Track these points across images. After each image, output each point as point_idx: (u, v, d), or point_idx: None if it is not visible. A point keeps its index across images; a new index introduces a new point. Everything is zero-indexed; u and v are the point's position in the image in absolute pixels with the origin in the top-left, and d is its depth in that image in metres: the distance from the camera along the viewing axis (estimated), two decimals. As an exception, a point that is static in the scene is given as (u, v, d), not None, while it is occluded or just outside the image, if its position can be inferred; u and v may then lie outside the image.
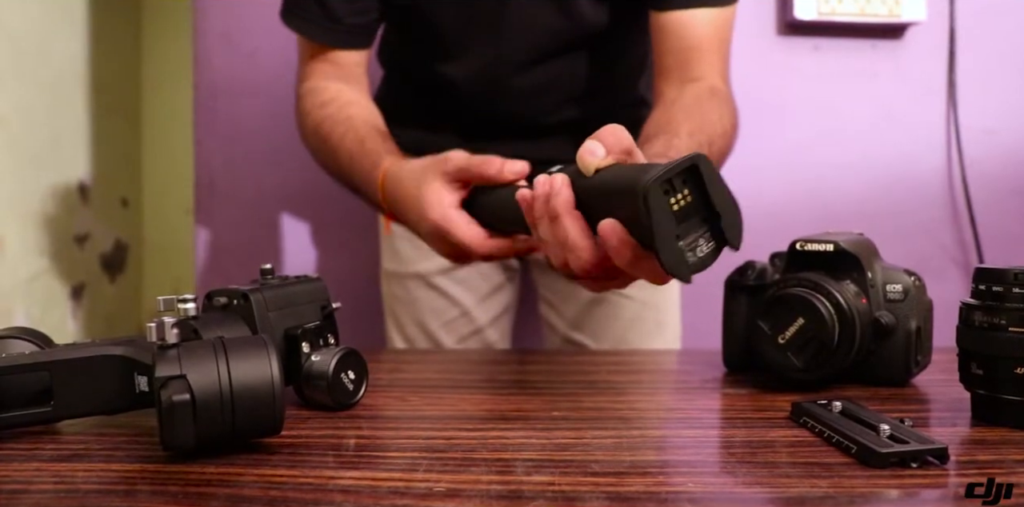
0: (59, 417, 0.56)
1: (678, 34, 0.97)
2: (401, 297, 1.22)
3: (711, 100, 0.94)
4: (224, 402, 0.49)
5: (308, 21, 1.02)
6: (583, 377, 0.76)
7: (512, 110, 1.09)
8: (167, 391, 0.48)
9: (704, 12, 0.97)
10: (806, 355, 0.68)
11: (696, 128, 0.87)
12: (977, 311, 0.60)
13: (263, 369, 0.50)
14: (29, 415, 0.56)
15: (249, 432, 0.51)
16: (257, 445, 0.54)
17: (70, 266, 1.92)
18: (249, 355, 0.50)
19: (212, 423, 0.49)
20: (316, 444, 0.54)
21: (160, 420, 0.49)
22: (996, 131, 1.63)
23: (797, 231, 0.80)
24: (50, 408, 0.56)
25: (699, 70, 0.96)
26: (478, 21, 1.03)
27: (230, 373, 0.50)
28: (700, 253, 0.55)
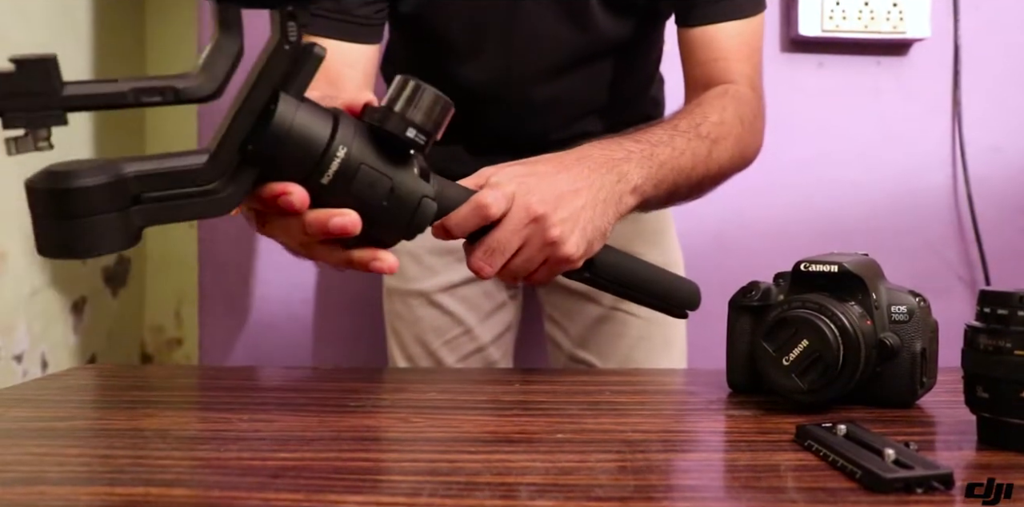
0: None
1: (707, 47, 0.98)
2: (403, 315, 1.22)
3: (717, 98, 0.94)
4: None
5: (313, 14, 0.99)
6: (586, 398, 0.75)
7: (522, 124, 1.09)
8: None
9: (731, 25, 0.97)
10: (811, 377, 0.68)
11: (681, 116, 0.89)
12: (982, 334, 0.60)
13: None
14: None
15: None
16: (260, 468, 0.53)
17: (72, 280, 1.92)
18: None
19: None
20: (319, 467, 0.54)
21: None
22: (1001, 148, 1.63)
23: (801, 249, 0.80)
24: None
25: (725, 79, 0.97)
26: (487, 33, 1.02)
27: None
28: None
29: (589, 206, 0.74)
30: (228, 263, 1.59)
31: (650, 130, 0.85)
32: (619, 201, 0.77)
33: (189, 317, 2.49)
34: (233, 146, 0.56)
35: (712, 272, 1.48)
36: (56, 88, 0.50)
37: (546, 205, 0.71)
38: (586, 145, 0.80)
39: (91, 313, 2.03)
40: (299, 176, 0.58)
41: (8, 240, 1.60)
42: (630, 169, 0.79)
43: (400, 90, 0.59)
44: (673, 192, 0.85)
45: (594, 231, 0.75)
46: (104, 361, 2.10)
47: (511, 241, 0.70)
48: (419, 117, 0.59)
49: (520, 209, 0.70)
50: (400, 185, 0.61)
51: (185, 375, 0.96)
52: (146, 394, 0.78)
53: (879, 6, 1.54)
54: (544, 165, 0.75)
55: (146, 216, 0.54)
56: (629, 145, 0.81)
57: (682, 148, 0.84)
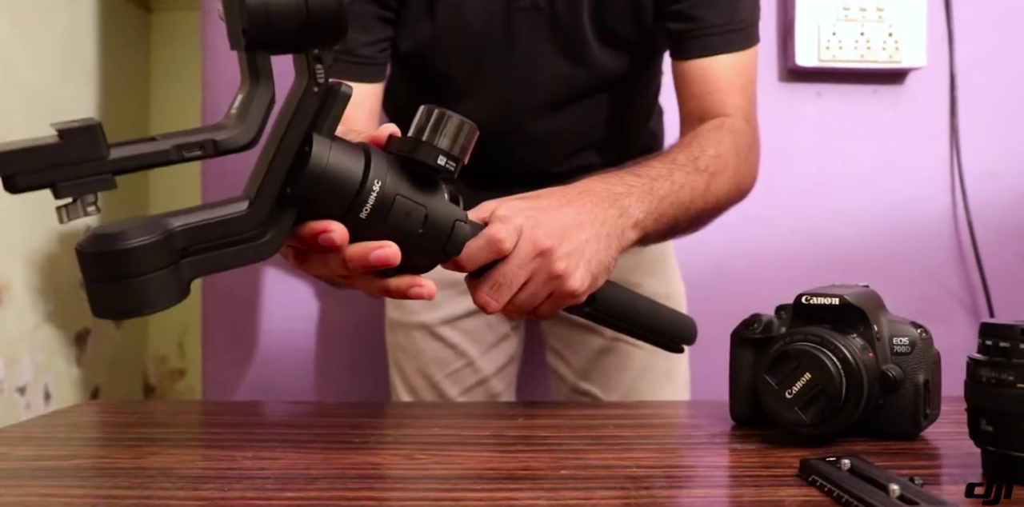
0: None
1: (701, 80, 0.98)
2: (405, 347, 1.22)
3: (713, 131, 0.94)
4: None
5: None
6: (590, 432, 0.75)
7: (521, 158, 1.10)
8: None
9: (725, 57, 0.98)
10: (814, 410, 0.68)
11: (679, 149, 0.89)
12: (984, 367, 0.60)
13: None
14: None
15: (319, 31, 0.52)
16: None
17: (75, 312, 1.92)
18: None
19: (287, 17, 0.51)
20: (325, 506, 0.54)
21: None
22: (1000, 174, 1.63)
23: (802, 278, 0.81)
24: None
25: (720, 112, 0.98)
26: (486, 70, 1.03)
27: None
28: None
29: (593, 240, 0.74)
30: (231, 294, 1.59)
31: (649, 164, 0.86)
32: (621, 235, 0.77)
33: (192, 348, 2.50)
34: (272, 191, 0.57)
35: (713, 301, 1.48)
36: (104, 154, 0.50)
37: (552, 238, 0.71)
38: (587, 179, 0.81)
39: (94, 344, 2.03)
40: (337, 213, 0.59)
41: (11, 272, 1.61)
42: (631, 204, 0.79)
43: (426, 119, 0.61)
44: (673, 226, 0.86)
45: (598, 265, 0.75)
46: (107, 392, 2.10)
47: (518, 275, 0.70)
48: (447, 144, 0.60)
49: (527, 243, 0.70)
50: (434, 212, 0.63)
51: (188, 411, 0.96)
52: (150, 431, 0.78)
53: (875, 36, 1.55)
54: (547, 199, 0.75)
55: (195, 268, 0.55)
56: (630, 179, 0.81)
57: (681, 182, 0.84)
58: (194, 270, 0.55)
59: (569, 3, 1.00)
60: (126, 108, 2.25)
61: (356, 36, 0.99)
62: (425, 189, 0.62)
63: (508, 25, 1.00)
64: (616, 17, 1.01)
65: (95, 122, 0.50)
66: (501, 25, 1.00)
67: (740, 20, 0.99)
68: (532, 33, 1.01)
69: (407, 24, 1.01)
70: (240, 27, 0.53)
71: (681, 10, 0.98)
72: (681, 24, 0.99)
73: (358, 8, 0.98)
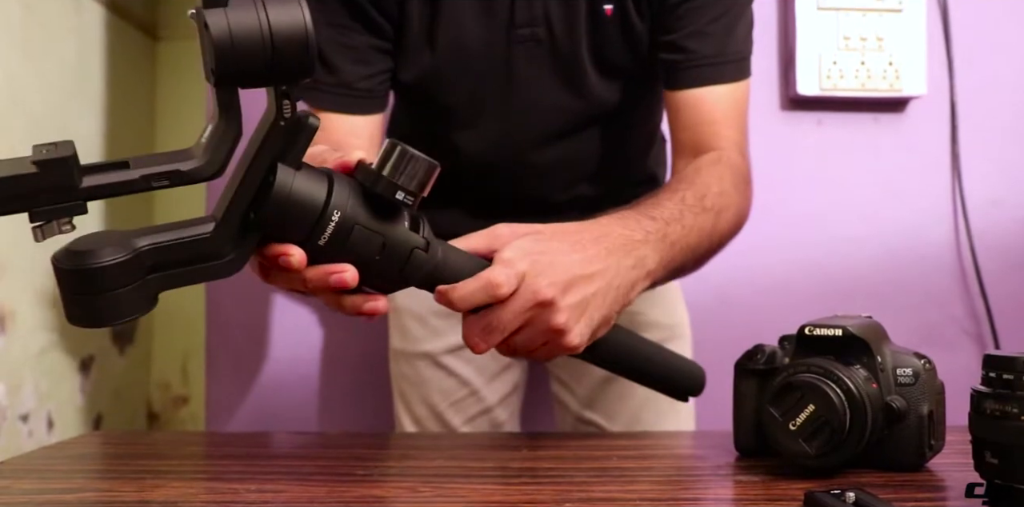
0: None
1: (693, 111, 0.99)
2: (409, 376, 1.22)
3: (712, 165, 0.94)
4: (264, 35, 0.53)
5: (317, 90, 1.00)
6: (594, 464, 0.75)
7: (522, 188, 1.10)
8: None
9: (718, 88, 0.99)
10: (818, 442, 0.67)
11: (685, 186, 0.88)
12: (988, 399, 0.60)
13: (296, 9, 0.54)
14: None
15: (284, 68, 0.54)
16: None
17: (80, 338, 1.92)
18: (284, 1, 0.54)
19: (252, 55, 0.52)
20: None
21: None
22: (1001, 201, 1.64)
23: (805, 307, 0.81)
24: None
25: (713, 144, 0.98)
26: (486, 101, 1.04)
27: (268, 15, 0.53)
28: None
29: (600, 293, 0.72)
30: (235, 321, 1.59)
31: (662, 204, 0.84)
32: (632, 288, 0.75)
33: (196, 374, 2.49)
34: (236, 215, 0.60)
35: (717, 329, 1.48)
36: (76, 183, 0.54)
37: (555, 289, 0.68)
38: (606, 220, 0.78)
39: (98, 371, 2.03)
40: (298, 238, 0.62)
41: (16, 299, 1.61)
42: (647, 253, 0.77)
43: (388, 155, 0.63)
44: (679, 269, 0.85)
45: (601, 320, 0.73)
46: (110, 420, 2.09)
47: (512, 322, 0.68)
48: (406, 180, 0.62)
49: (528, 291, 0.68)
50: (392, 240, 0.65)
51: (192, 442, 0.95)
52: (154, 463, 0.78)
53: (875, 65, 1.56)
54: (560, 241, 0.72)
55: (161, 283, 0.59)
56: (646, 224, 0.79)
57: (691, 225, 0.83)
58: (161, 284, 0.59)
59: (568, 34, 1.00)
60: (132, 135, 2.27)
61: (354, 69, 0.99)
62: (384, 218, 0.64)
63: (508, 56, 1.01)
64: (613, 48, 1.02)
65: (69, 153, 0.53)
66: (501, 56, 1.01)
67: (733, 52, 1.00)
68: (532, 64, 1.02)
69: (406, 54, 1.02)
70: (209, 63, 0.55)
71: (674, 41, 0.99)
72: (674, 55, 0.99)
73: (354, 40, 0.99)
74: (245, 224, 0.61)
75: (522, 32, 1.00)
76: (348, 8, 0.98)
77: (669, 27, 0.99)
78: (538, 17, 0.99)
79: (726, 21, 0.99)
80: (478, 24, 1.00)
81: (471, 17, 0.99)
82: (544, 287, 0.68)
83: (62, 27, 1.82)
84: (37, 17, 1.68)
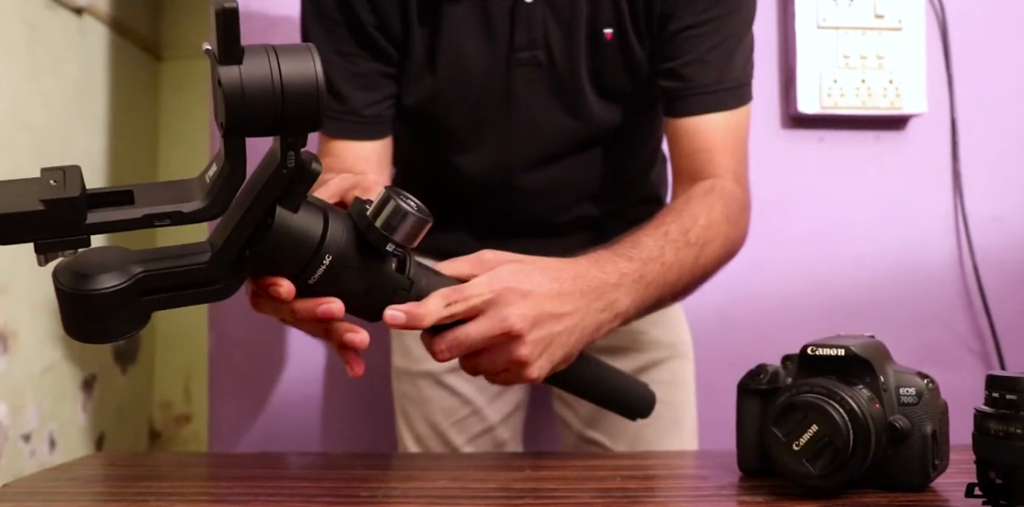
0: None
1: (692, 138, 0.99)
2: (412, 395, 1.22)
3: (705, 196, 0.94)
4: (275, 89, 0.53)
5: (326, 117, 1.02)
6: (597, 484, 0.75)
7: (523, 209, 1.11)
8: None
9: (717, 116, 0.99)
10: (822, 462, 0.67)
11: (671, 220, 0.89)
12: (991, 419, 0.60)
13: (308, 65, 0.55)
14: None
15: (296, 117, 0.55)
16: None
17: (82, 358, 1.92)
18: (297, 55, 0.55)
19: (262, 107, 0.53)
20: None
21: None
22: (1003, 218, 1.64)
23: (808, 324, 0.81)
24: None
25: (711, 171, 0.98)
26: (486, 123, 1.05)
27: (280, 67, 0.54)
28: None
29: (566, 333, 0.74)
30: (237, 340, 1.59)
31: (641, 242, 0.85)
32: (597, 329, 0.78)
33: (198, 393, 2.49)
34: (233, 250, 0.62)
35: (719, 348, 1.48)
36: (81, 220, 0.56)
37: (525, 322, 0.71)
38: (584, 260, 0.80)
39: (100, 390, 2.03)
40: (289, 274, 0.65)
41: (18, 319, 1.61)
42: (619, 297, 0.79)
43: (382, 206, 0.65)
44: (656, 305, 0.86)
45: (562, 357, 0.75)
46: (113, 439, 2.09)
47: (477, 342, 0.71)
48: (396, 234, 0.65)
49: (497, 317, 0.70)
50: (376, 282, 0.68)
51: (195, 464, 0.95)
52: (156, 485, 0.77)
53: (876, 83, 1.57)
54: (541, 275, 0.74)
55: (155, 305, 0.62)
56: (623, 266, 0.81)
57: (671, 261, 0.84)
58: (154, 306, 0.62)
59: (567, 58, 1.01)
60: (135, 153, 2.28)
61: (362, 96, 1.01)
62: (373, 260, 0.67)
63: (508, 79, 1.02)
64: (613, 72, 1.02)
65: (77, 192, 0.55)
66: (501, 80, 1.02)
67: (732, 79, 1.00)
68: (532, 87, 1.02)
69: (408, 79, 1.03)
70: (219, 114, 0.56)
71: (673, 68, 0.99)
72: (673, 82, 1.00)
73: (361, 67, 1.00)
74: (241, 258, 0.63)
75: (522, 56, 1.01)
76: (356, 36, 0.99)
77: (669, 54, 0.99)
78: (538, 41, 1.00)
79: (726, 48, 0.99)
80: (478, 48, 1.00)
81: (471, 41, 1.00)
82: (515, 317, 0.70)
83: (66, 47, 1.83)
84: (42, 37, 1.69)
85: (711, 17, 0.98)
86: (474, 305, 0.70)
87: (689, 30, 0.98)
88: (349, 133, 1.01)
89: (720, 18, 0.98)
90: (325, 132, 1.03)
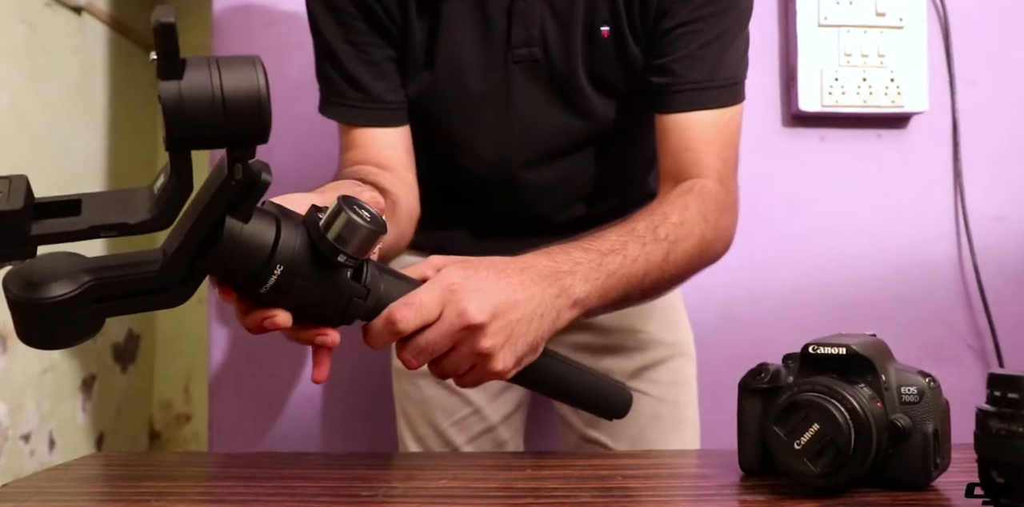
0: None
1: (678, 135, 0.98)
2: (412, 395, 1.21)
3: (681, 196, 0.94)
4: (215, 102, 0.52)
5: (348, 106, 1.02)
6: (599, 483, 0.75)
7: (523, 207, 1.11)
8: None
9: (705, 113, 0.98)
10: (823, 461, 0.67)
11: (640, 217, 0.88)
12: (993, 418, 0.60)
13: (251, 77, 0.54)
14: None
15: (240, 129, 0.53)
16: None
17: (82, 357, 1.92)
18: (240, 67, 0.54)
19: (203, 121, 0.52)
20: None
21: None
22: (1004, 217, 1.64)
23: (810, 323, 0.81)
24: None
25: (694, 172, 0.97)
26: (483, 120, 1.05)
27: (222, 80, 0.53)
28: None
29: (524, 320, 0.73)
30: (237, 340, 1.59)
31: (604, 236, 0.84)
32: (557, 316, 0.77)
33: (198, 393, 2.49)
34: (183, 259, 0.62)
35: (721, 347, 1.48)
36: (25, 231, 0.55)
37: (482, 314, 0.70)
38: (535, 254, 0.80)
39: (100, 390, 2.03)
40: (240, 284, 0.65)
41: (19, 321, 1.61)
42: (573, 283, 0.78)
43: (334, 217, 0.64)
44: (624, 299, 0.85)
45: (525, 346, 0.74)
46: (112, 438, 2.09)
47: (440, 344, 0.71)
48: (348, 247, 0.64)
49: (454, 315, 0.70)
50: (330, 291, 0.67)
51: (195, 463, 0.95)
52: (157, 485, 0.77)
53: (877, 81, 1.57)
54: (487, 271, 0.74)
55: (107, 311, 0.61)
56: (577, 255, 0.80)
57: (635, 255, 0.83)
58: (107, 312, 0.61)
59: (564, 55, 1.01)
60: (135, 153, 2.27)
61: (379, 84, 1.01)
62: (326, 269, 0.66)
63: (505, 76, 1.02)
64: (610, 69, 1.02)
65: (20, 204, 0.54)
66: (498, 76, 1.02)
67: (723, 77, 0.99)
68: (529, 84, 1.02)
69: (407, 72, 1.03)
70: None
71: (665, 64, 0.99)
72: (663, 78, 0.99)
73: (374, 55, 1.00)
74: (192, 267, 0.62)
75: (519, 52, 1.01)
76: (368, 23, 0.99)
77: (661, 50, 0.99)
78: (534, 38, 1.00)
79: (719, 46, 0.98)
80: (475, 44, 1.00)
81: (469, 37, 1.00)
82: (472, 311, 0.70)
83: (66, 47, 1.83)
84: (41, 38, 1.69)
85: (705, 14, 0.97)
86: (429, 310, 0.70)
87: (682, 27, 0.98)
88: (375, 120, 1.01)
89: (714, 15, 0.98)
90: (349, 121, 1.02)
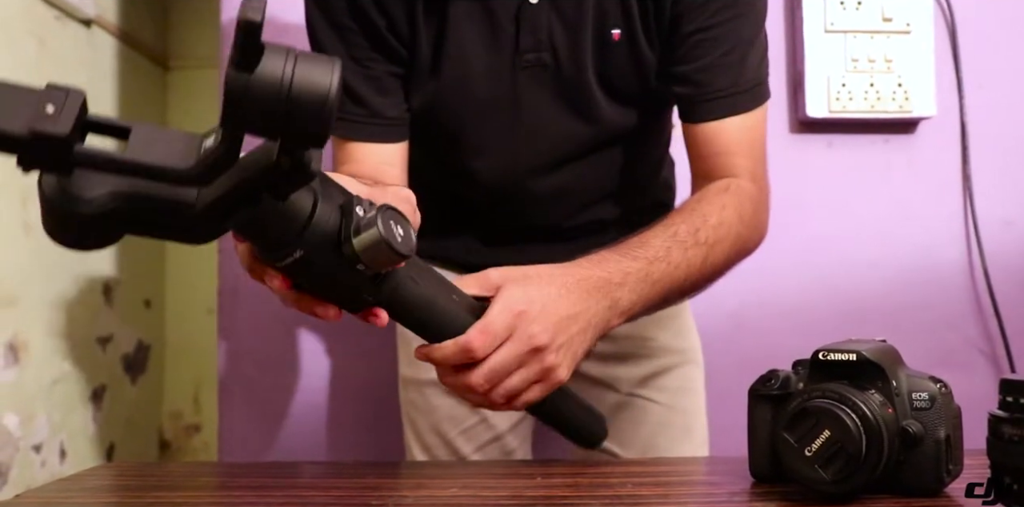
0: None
1: (709, 142, 0.99)
2: (419, 404, 1.21)
3: (718, 195, 0.95)
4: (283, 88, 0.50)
5: (349, 121, 1.01)
6: (609, 491, 0.75)
7: (532, 214, 1.10)
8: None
9: (733, 120, 0.98)
10: (834, 468, 0.67)
11: (681, 220, 0.90)
12: (1005, 423, 0.60)
13: (325, 78, 0.52)
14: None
15: (299, 127, 0.52)
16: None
17: (92, 368, 1.92)
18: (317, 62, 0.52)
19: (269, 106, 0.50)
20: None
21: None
22: (1014, 222, 1.63)
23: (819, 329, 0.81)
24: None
25: (727, 172, 0.98)
26: (492, 127, 1.04)
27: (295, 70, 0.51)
28: None
29: (580, 331, 0.78)
30: (246, 350, 1.60)
31: (649, 242, 0.87)
32: (606, 326, 0.81)
33: (207, 403, 2.49)
34: (213, 217, 0.60)
35: (730, 353, 1.48)
36: (65, 156, 0.52)
37: (547, 334, 0.74)
38: (587, 262, 0.82)
39: (110, 400, 2.03)
40: (261, 249, 0.66)
41: (29, 331, 1.61)
42: (623, 295, 0.81)
43: (367, 226, 0.64)
44: (663, 302, 0.88)
45: (582, 354, 0.79)
46: (123, 449, 2.09)
47: (510, 366, 0.74)
48: (367, 259, 0.64)
49: (523, 339, 0.73)
50: (342, 282, 0.67)
51: (205, 473, 0.95)
52: (167, 495, 0.77)
53: (884, 87, 1.57)
54: (548, 285, 0.77)
55: (132, 231, 0.60)
56: (627, 265, 0.83)
57: (677, 261, 0.86)
58: (129, 229, 0.60)
59: (574, 60, 1.00)
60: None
61: (382, 99, 1.00)
62: (343, 264, 0.66)
63: (514, 82, 1.01)
64: (621, 73, 1.01)
65: (67, 131, 0.51)
66: (507, 83, 1.01)
67: (746, 81, 0.99)
68: (538, 90, 1.02)
69: (413, 83, 1.02)
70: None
71: (686, 73, 0.99)
72: (687, 88, 0.99)
73: (378, 71, 1.00)
74: (222, 219, 0.61)
75: (527, 58, 1.00)
76: (369, 40, 0.99)
77: (681, 57, 0.99)
78: (543, 42, 0.99)
79: (739, 52, 0.98)
80: (483, 50, 1.00)
81: (476, 43, 0.99)
82: (538, 334, 0.74)
83: (75, 60, 1.84)
84: (51, 51, 1.70)
85: (722, 20, 0.97)
86: (502, 337, 0.73)
87: (700, 33, 0.97)
88: (373, 136, 1.01)
89: (731, 21, 0.97)
90: (347, 135, 1.02)
